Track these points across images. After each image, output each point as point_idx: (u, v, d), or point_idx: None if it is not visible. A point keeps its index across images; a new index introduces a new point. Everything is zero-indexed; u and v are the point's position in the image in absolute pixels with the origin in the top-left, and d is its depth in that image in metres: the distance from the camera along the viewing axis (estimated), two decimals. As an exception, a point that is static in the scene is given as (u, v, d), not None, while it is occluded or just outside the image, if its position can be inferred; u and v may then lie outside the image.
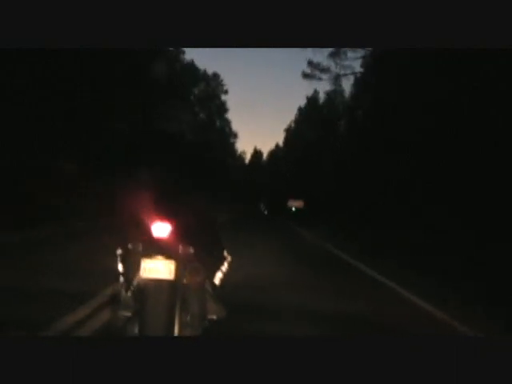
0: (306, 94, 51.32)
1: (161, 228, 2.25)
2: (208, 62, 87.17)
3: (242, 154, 66.60)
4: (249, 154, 70.55)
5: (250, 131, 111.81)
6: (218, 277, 2.66)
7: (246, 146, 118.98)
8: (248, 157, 69.83)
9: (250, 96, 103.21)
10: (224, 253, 2.74)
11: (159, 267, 2.16)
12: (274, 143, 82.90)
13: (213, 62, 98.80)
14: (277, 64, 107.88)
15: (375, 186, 19.03)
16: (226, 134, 47.90)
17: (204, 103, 39.88)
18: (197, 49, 42.03)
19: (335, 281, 6.55)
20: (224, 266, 2.69)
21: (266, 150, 74.49)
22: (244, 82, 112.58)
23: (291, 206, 39.30)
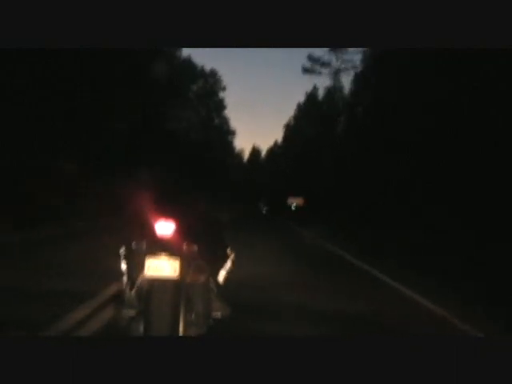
0: (306, 90, 51.31)
1: (165, 226, 2.25)
2: (205, 59, 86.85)
3: (240, 152, 66.48)
4: (247, 151, 70.49)
5: (248, 129, 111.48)
6: (222, 275, 2.66)
7: (244, 143, 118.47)
8: (246, 154, 69.84)
9: (248, 93, 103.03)
10: (227, 251, 2.74)
11: (164, 265, 2.16)
12: (273, 141, 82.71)
13: (210, 58, 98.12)
14: (275, 61, 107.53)
15: (375, 186, 19.00)
16: (224, 132, 47.59)
17: (202, 100, 39.54)
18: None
19: (335, 281, 6.54)
20: (227, 264, 2.70)
21: (265, 148, 74.35)
22: (242, 79, 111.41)
23: (291, 203, 39.14)
